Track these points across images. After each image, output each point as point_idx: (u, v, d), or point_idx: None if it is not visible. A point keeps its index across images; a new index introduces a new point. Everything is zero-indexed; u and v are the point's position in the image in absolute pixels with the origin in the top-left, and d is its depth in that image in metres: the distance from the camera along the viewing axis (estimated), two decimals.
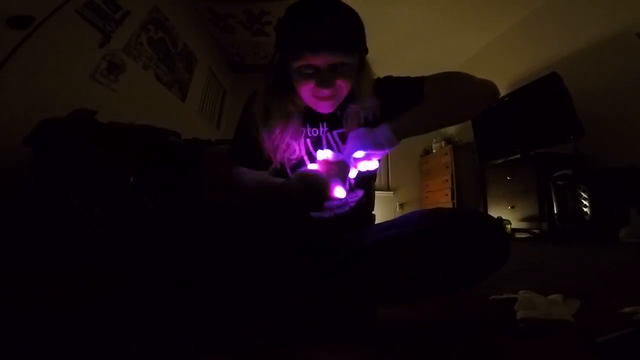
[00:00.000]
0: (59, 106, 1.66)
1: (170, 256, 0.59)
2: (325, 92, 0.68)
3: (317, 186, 0.63)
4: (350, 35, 0.67)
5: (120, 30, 2.34)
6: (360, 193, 0.81)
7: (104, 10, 2.19)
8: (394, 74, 0.83)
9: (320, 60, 0.65)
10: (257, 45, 3.77)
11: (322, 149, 0.76)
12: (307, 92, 0.70)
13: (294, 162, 0.78)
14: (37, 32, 1.76)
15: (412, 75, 0.82)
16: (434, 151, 4.25)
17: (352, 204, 0.80)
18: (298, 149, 0.77)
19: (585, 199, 2.19)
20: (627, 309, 0.62)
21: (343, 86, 0.69)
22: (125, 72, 2.40)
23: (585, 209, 2.19)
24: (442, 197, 3.86)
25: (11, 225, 1.54)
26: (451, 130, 4.45)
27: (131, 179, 1.49)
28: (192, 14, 3.30)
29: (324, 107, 0.73)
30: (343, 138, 0.78)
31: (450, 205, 3.70)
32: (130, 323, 0.65)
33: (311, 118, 0.78)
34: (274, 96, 0.75)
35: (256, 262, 0.60)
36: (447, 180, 3.83)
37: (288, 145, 0.77)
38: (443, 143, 4.08)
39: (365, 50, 0.72)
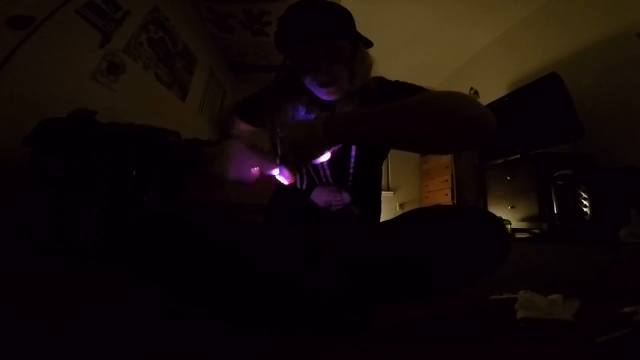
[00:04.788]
0: (59, 106, 1.66)
1: (169, 255, 0.58)
2: (322, 75, 0.71)
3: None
4: (334, 20, 0.71)
5: (120, 30, 2.34)
6: (345, 197, 0.81)
7: (104, 10, 2.19)
8: (397, 75, 0.85)
9: (310, 50, 0.69)
10: (257, 45, 3.77)
11: None
12: (310, 83, 0.75)
13: None
14: (37, 32, 1.76)
15: (412, 74, 0.83)
16: None
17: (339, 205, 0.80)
18: None
19: (585, 199, 2.19)
20: (627, 309, 0.62)
21: (339, 72, 0.72)
22: (125, 72, 2.39)
23: (585, 209, 2.19)
24: (442, 197, 3.86)
25: (11, 226, 1.54)
26: None
27: (133, 172, 1.48)
28: (192, 14, 3.30)
29: (328, 94, 0.76)
30: None
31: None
32: (131, 323, 0.65)
33: (317, 111, 0.80)
34: (282, 92, 0.81)
35: (255, 262, 0.60)
36: (447, 180, 3.83)
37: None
38: None
39: (360, 37, 0.75)
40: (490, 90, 3.63)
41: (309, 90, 0.78)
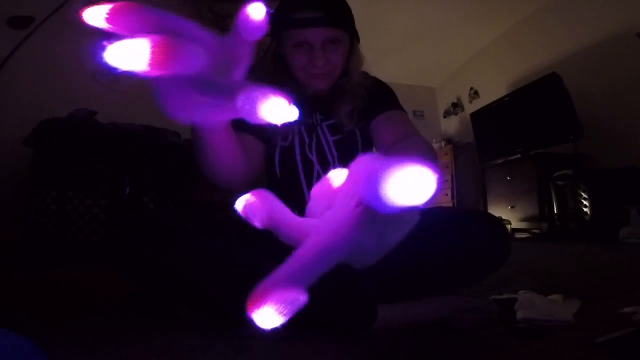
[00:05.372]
0: (59, 106, 1.66)
1: (167, 256, 0.58)
2: (319, 64, 0.70)
3: None
4: (338, 13, 0.71)
5: None
6: None
7: None
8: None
9: (312, 36, 0.68)
10: (256, 45, 3.77)
11: (312, 138, 0.77)
12: (301, 70, 0.73)
13: (285, 146, 0.78)
14: (37, 32, 1.76)
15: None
16: None
17: None
18: (290, 134, 0.78)
19: (585, 199, 2.19)
20: (627, 309, 0.62)
21: (335, 63, 0.72)
22: None
23: (585, 209, 2.19)
24: (442, 197, 3.86)
25: (11, 226, 1.54)
26: (451, 130, 4.45)
27: (127, 190, 1.48)
28: (193, 14, 3.30)
29: (318, 83, 0.75)
30: (332, 129, 0.79)
31: (450, 205, 3.70)
32: (131, 323, 0.65)
33: (305, 106, 0.78)
34: (269, 80, 0.78)
35: (254, 261, 0.59)
36: (447, 180, 3.83)
37: (281, 130, 0.77)
38: (443, 143, 4.08)
39: (355, 34, 0.76)
40: (491, 90, 3.63)
41: (293, 80, 0.76)
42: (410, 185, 0.20)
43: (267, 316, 0.25)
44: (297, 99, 0.77)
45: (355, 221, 0.28)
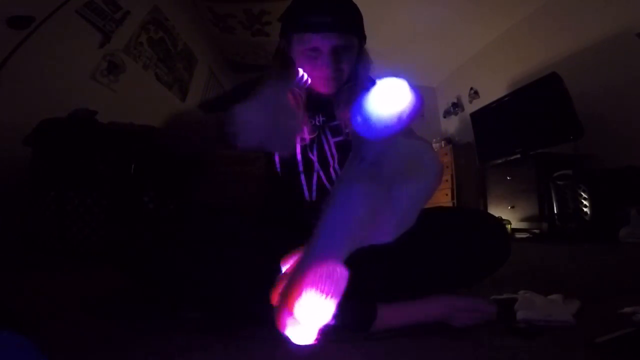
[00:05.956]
0: (59, 106, 1.66)
1: (167, 256, 0.58)
2: (327, 69, 0.69)
3: None
4: (350, 19, 0.70)
5: (120, 30, 2.34)
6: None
7: (104, 10, 2.19)
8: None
9: (322, 41, 0.68)
10: (257, 45, 3.77)
11: (314, 139, 0.76)
12: (309, 73, 0.71)
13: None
14: (37, 32, 1.76)
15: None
16: None
17: None
18: None
19: (585, 199, 2.19)
20: (627, 309, 0.62)
21: (344, 68, 0.72)
22: (125, 72, 2.39)
23: (585, 209, 2.18)
24: (442, 197, 3.86)
25: (11, 226, 1.54)
26: (451, 130, 4.45)
27: (131, 171, 1.48)
28: (192, 14, 3.30)
29: (325, 87, 0.75)
30: (334, 131, 0.78)
31: (450, 205, 3.70)
32: (131, 323, 0.65)
33: (309, 108, 0.78)
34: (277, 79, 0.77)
35: (254, 261, 0.59)
36: (447, 180, 3.82)
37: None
38: (443, 143, 4.08)
39: (364, 38, 0.76)
40: (491, 90, 3.63)
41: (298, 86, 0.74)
42: (387, 94, 0.24)
43: (310, 305, 0.18)
44: (301, 102, 0.77)
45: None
